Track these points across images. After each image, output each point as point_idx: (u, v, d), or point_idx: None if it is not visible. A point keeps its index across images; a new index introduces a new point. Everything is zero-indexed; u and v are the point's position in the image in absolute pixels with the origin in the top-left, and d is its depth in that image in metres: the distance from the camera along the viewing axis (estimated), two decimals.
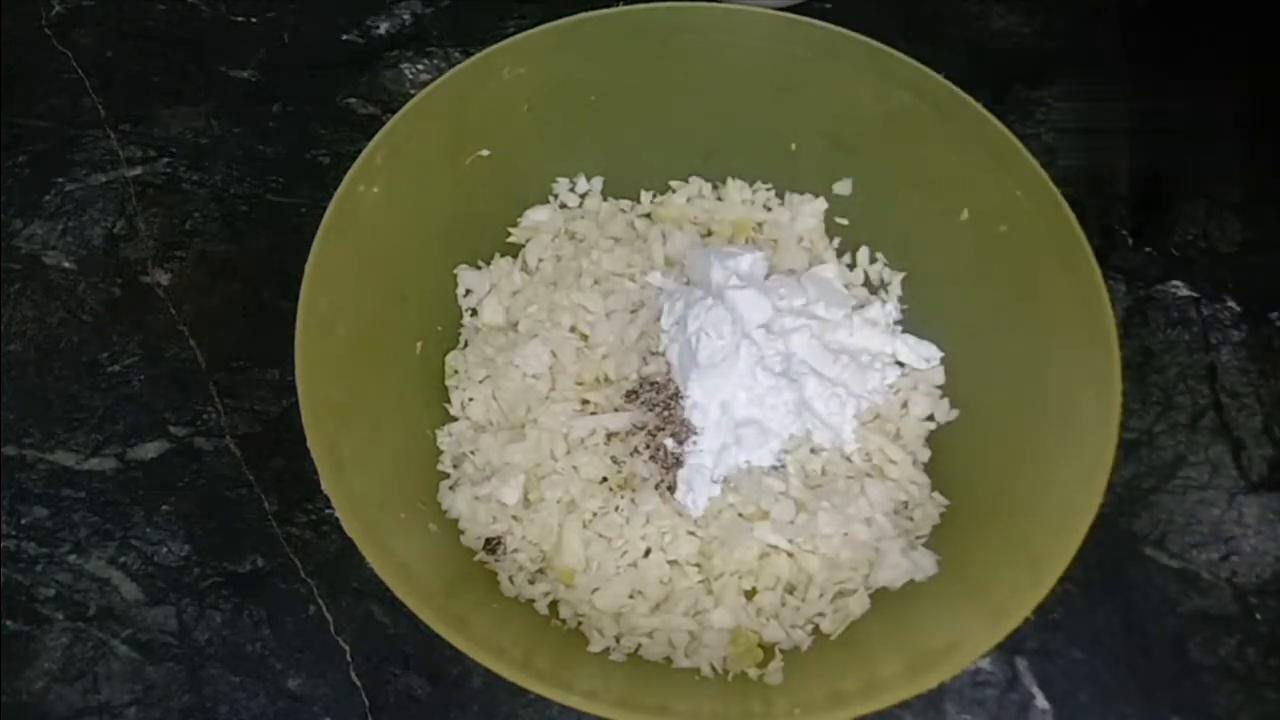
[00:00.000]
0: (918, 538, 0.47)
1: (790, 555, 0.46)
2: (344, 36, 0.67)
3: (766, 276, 0.52)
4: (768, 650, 0.44)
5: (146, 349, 0.56)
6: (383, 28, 0.68)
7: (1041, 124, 0.64)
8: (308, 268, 0.43)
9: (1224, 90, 0.65)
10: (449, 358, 0.52)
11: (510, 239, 0.55)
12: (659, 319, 0.50)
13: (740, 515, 0.47)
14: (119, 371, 0.56)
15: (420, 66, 0.66)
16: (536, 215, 0.55)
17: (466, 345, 0.53)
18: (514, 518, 0.47)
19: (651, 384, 0.49)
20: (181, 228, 0.60)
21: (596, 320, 0.51)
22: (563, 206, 0.56)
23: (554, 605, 0.46)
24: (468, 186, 0.52)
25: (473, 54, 0.49)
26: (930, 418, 0.51)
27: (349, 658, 0.49)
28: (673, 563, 0.46)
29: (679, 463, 0.47)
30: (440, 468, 0.49)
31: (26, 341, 0.57)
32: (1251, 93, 0.65)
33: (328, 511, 0.51)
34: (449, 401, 0.51)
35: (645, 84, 0.53)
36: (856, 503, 0.47)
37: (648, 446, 0.48)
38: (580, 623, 0.45)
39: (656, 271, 0.52)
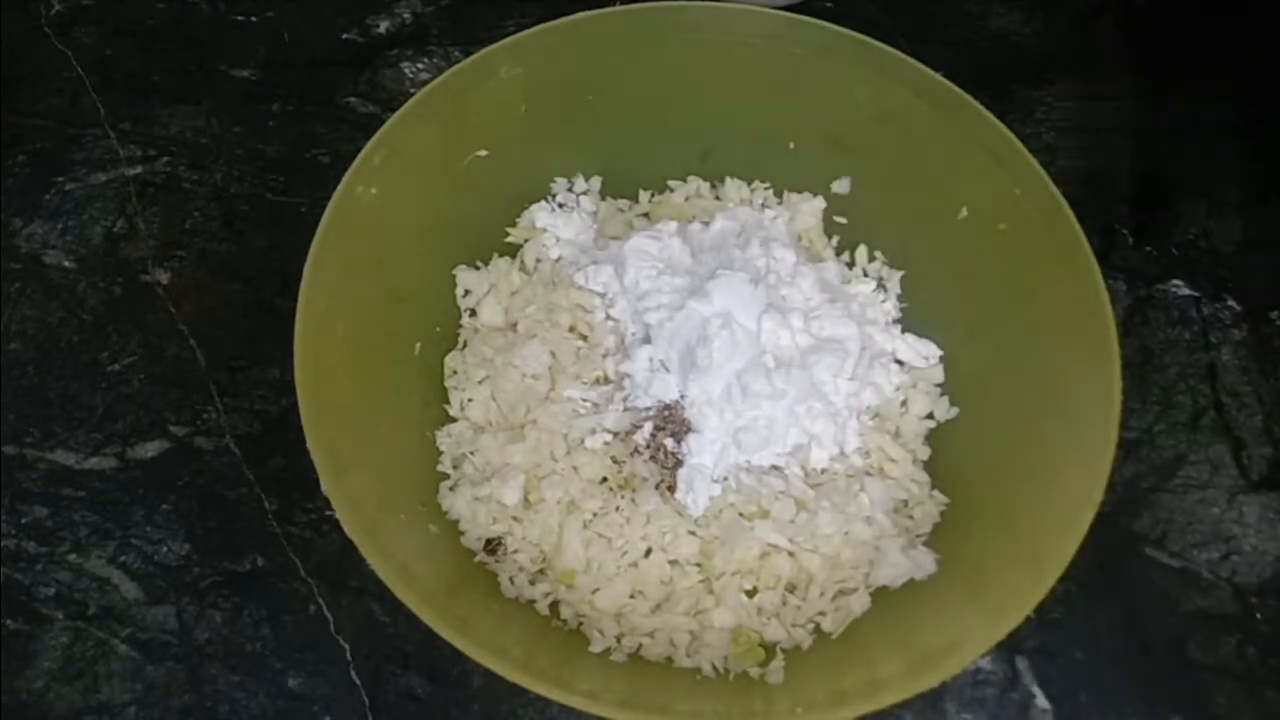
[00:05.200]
0: (918, 536, 0.47)
1: (791, 554, 0.46)
2: (344, 36, 0.67)
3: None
4: (769, 649, 0.44)
5: (146, 349, 0.56)
6: (383, 27, 0.68)
7: (1041, 124, 0.64)
8: (306, 269, 0.43)
9: (1224, 90, 0.65)
10: (448, 358, 0.52)
11: (509, 239, 0.55)
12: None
13: (740, 515, 0.47)
14: (119, 371, 0.56)
15: (420, 65, 0.66)
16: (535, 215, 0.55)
17: (465, 346, 0.52)
18: (514, 518, 0.47)
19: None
20: (181, 227, 0.60)
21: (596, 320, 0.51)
22: (560, 206, 0.56)
23: (555, 606, 0.45)
24: (466, 187, 0.52)
25: (473, 53, 0.49)
26: (930, 416, 0.51)
27: (349, 657, 0.49)
28: (673, 562, 0.46)
29: (679, 463, 0.47)
30: (440, 469, 0.49)
31: (26, 341, 0.57)
32: (1251, 93, 0.65)
33: (328, 511, 0.51)
34: (448, 402, 0.51)
35: (643, 83, 0.53)
36: (857, 501, 0.47)
37: (648, 446, 0.48)
38: (581, 623, 0.45)
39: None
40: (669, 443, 0.48)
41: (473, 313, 0.53)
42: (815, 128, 0.54)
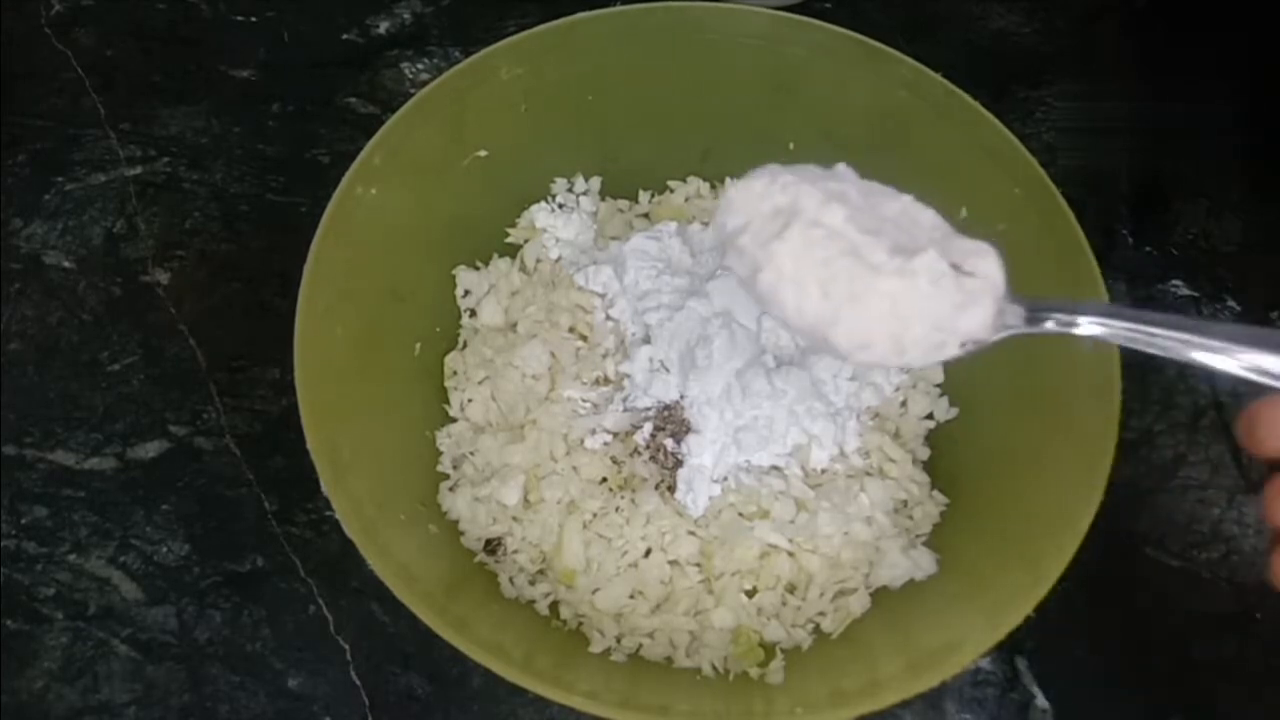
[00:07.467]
0: (917, 536, 0.47)
1: (791, 554, 0.46)
2: (344, 36, 0.67)
3: None
4: (769, 650, 0.44)
5: (146, 349, 0.56)
6: (382, 27, 0.68)
7: (1041, 124, 0.64)
8: (306, 269, 0.43)
9: (1224, 90, 0.65)
10: (448, 359, 0.52)
11: (509, 239, 0.55)
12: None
13: (740, 515, 0.47)
14: (119, 371, 0.56)
15: (420, 66, 0.66)
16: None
17: (465, 346, 0.53)
18: (514, 519, 0.47)
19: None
20: (181, 227, 0.60)
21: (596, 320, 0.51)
22: (560, 206, 0.56)
23: (554, 606, 0.46)
24: (466, 187, 0.51)
25: (473, 53, 0.49)
26: (930, 416, 0.51)
27: (349, 657, 0.49)
28: (673, 563, 0.46)
29: (679, 463, 0.47)
30: (440, 469, 0.49)
31: (26, 341, 0.57)
32: (1251, 93, 0.65)
33: (328, 512, 0.51)
34: (448, 402, 0.51)
35: (643, 84, 0.53)
36: (857, 502, 0.47)
37: (648, 446, 0.48)
38: (581, 623, 0.45)
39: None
40: (669, 443, 0.48)
41: (473, 313, 0.53)
42: (815, 128, 0.53)
